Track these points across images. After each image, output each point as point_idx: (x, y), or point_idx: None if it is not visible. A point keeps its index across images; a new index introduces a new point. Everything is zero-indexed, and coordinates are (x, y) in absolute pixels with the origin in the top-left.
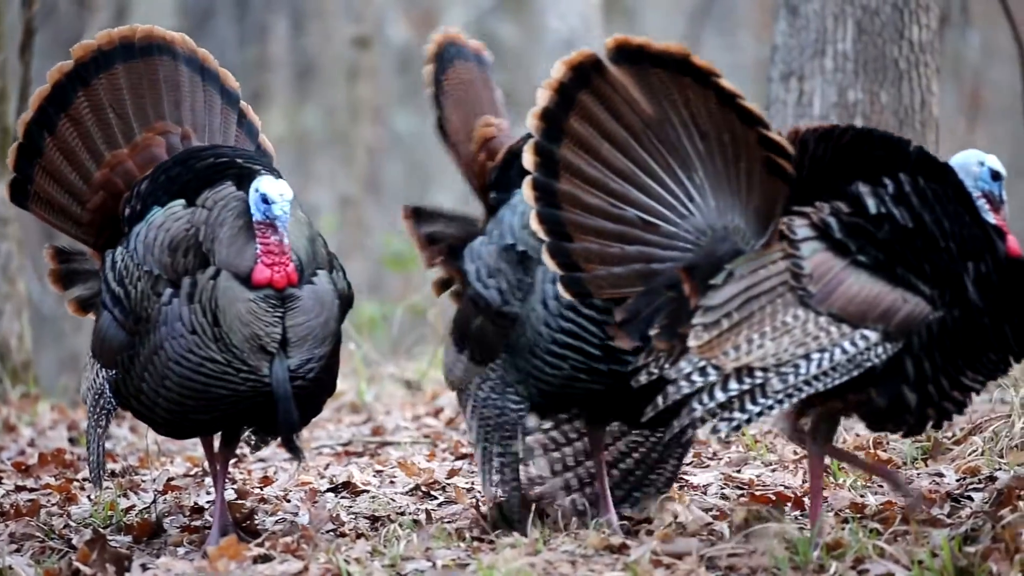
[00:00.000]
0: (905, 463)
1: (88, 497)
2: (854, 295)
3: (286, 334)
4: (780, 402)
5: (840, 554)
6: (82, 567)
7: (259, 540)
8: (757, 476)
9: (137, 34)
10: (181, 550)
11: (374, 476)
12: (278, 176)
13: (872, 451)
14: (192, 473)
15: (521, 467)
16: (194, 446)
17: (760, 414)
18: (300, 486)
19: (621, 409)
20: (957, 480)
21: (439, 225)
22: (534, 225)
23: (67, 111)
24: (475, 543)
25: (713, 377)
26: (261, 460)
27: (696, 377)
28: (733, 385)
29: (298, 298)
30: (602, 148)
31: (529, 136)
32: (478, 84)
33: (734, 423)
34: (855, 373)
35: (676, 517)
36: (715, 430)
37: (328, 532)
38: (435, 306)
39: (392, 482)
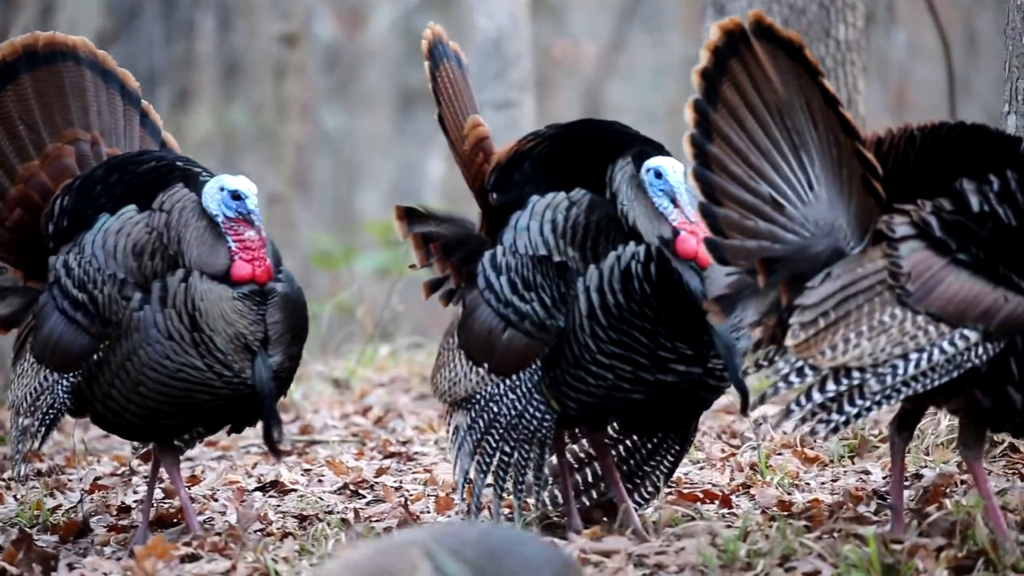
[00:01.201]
0: (832, 461)
1: (14, 497)
2: (953, 294)
3: (267, 331)
4: (878, 403)
5: (767, 551)
6: (8, 567)
7: (187, 538)
8: (685, 474)
9: (40, 41)
10: (108, 549)
11: (302, 475)
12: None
13: (800, 449)
14: (119, 472)
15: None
16: (121, 445)
17: (858, 415)
18: (227, 485)
19: (655, 418)
20: (883, 478)
21: (431, 225)
22: (691, 181)
23: None
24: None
25: (811, 378)
26: (188, 459)
27: (794, 378)
28: (831, 386)
29: (277, 293)
30: (746, 119)
31: (531, 136)
32: (460, 83)
33: (832, 424)
34: (955, 374)
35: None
36: (813, 432)
37: (256, 531)
38: (363, 304)
39: (320, 481)
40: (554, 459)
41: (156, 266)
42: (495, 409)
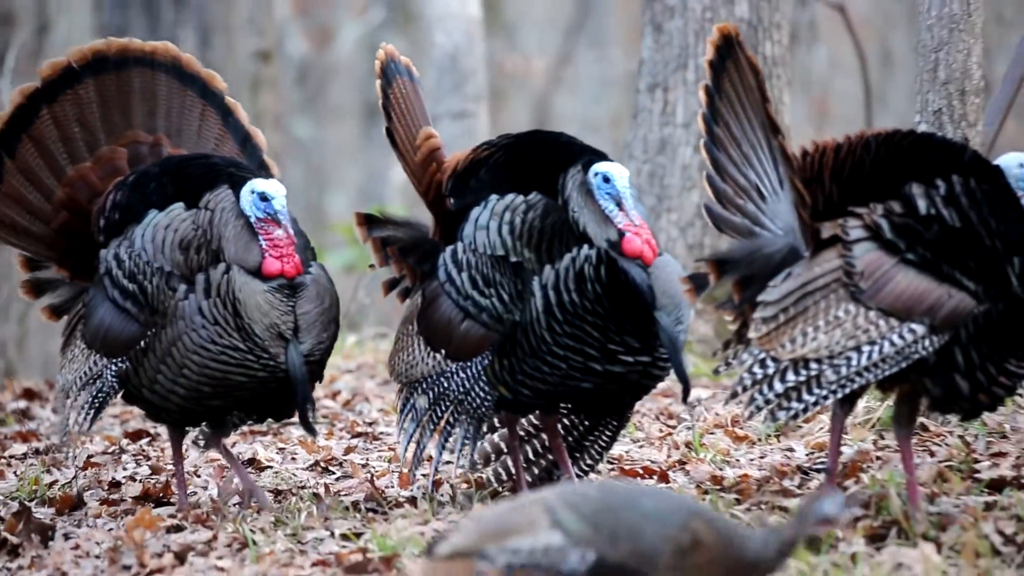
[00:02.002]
0: (760, 439)
1: (14, 473)
2: (902, 291)
3: (297, 321)
4: (834, 392)
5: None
6: (9, 536)
7: (172, 511)
8: (626, 452)
9: (112, 48)
10: (100, 521)
11: (277, 453)
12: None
13: (731, 429)
14: (110, 451)
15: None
16: (111, 426)
17: (816, 403)
18: (209, 462)
19: (602, 403)
20: (807, 455)
21: (389, 230)
22: (703, 153)
23: (28, 131)
24: (370, 514)
25: (772, 369)
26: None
27: (757, 370)
28: (790, 376)
29: (305, 286)
30: (740, 113)
31: (485, 144)
32: (411, 97)
33: (791, 412)
34: (904, 364)
35: None
36: (774, 418)
37: (235, 504)
38: None
39: (294, 458)
40: (495, 437)
41: (200, 260)
42: (445, 384)
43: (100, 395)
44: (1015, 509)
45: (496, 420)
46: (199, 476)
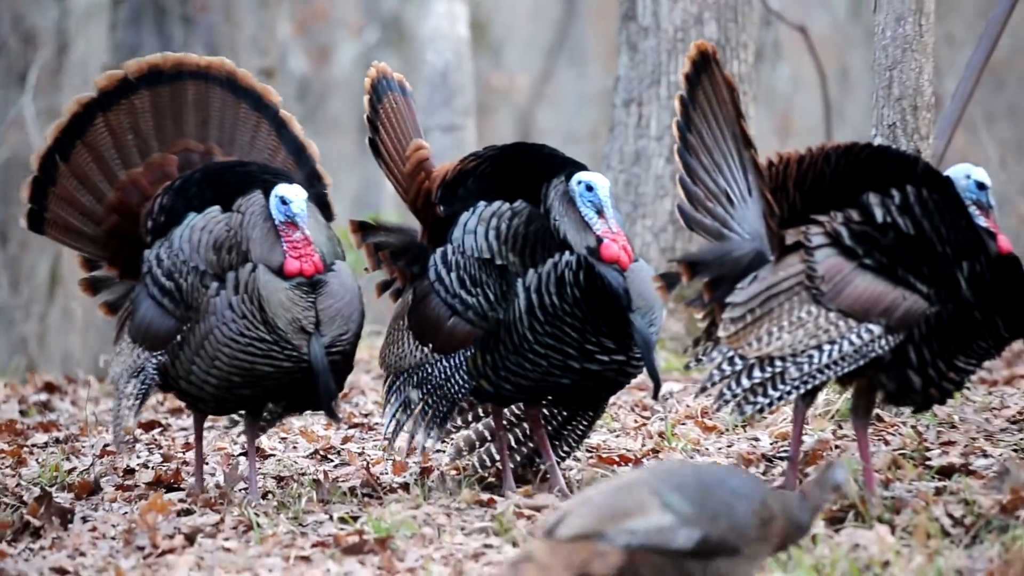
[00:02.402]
0: (727, 429)
1: (36, 460)
2: (860, 294)
3: (318, 316)
4: (797, 388)
5: None
6: (32, 519)
7: (183, 495)
8: (603, 441)
9: (168, 62)
10: (116, 505)
11: (280, 442)
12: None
13: (700, 420)
14: (125, 440)
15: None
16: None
17: (780, 398)
18: (217, 451)
19: (580, 397)
20: (771, 443)
21: (381, 236)
22: (676, 159)
23: (83, 138)
24: (365, 499)
25: (739, 366)
26: (183, 429)
27: (726, 367)
28: (757, 373)
29: (326, 283)
30: (712, 124)
31: (471, 156)
32: (403, 111)
33: (757, 406)
34: (862, 362)
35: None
36: (741, 412)
37: (241, 490)
38: None
39: (295, 447)
40: (479, 425)
41: (231, 260)
42: (428, 371)
43: (143, 387)
44: (963, 494)
45: (481, 410)
46: (207, 464)
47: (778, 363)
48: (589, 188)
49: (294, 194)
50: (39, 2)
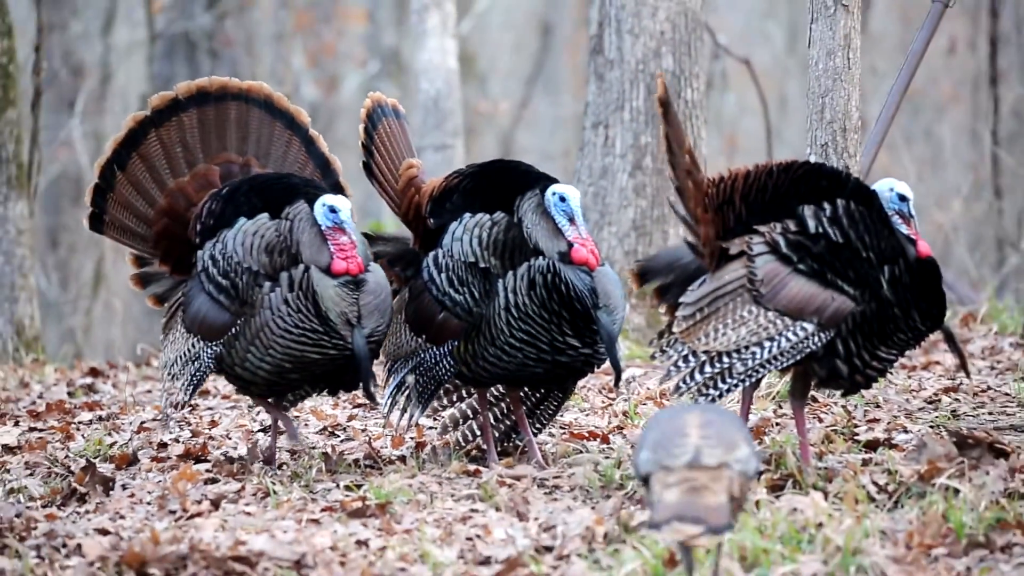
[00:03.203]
0: None
1: (82, 435)
2: (794, 295)
3: (360, 310)
4: (743, 381)
5: (635, 476)
6: (78, 486)
7: (209, 467)
8: (575, 419)
9: (214, 85)
10: (151, 474)
11: (293, 420)
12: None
13: (659, 400)
14: (158, 418)
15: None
16: (160, 398)
17: (728, 390)
18: (238, 428)
19: (552, 383)
20: None
21: (379, 245)
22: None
23: (138, 150)
24: (368, 469)
25: (692, 363)
26: (209, 409)
27: (681, 363)
28: (708, 369)
29: (366, 282)
30: (677, 149)
31: (455, 173)
32: (397, 134)
33: (710, 397)
34: (799, 357)
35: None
36: (696, 402)
37: (259, 461)
38: None
39: (306, 424)
40: (463, 405)
41: (281, 261)
42: (421, 357)
43: (198, 373)
44: (886, 465)
45: (465, 391)
46: (230, 439)
47: (726, 359)
48: (562, 199)
49: (342, 204)
50: (86, 39)
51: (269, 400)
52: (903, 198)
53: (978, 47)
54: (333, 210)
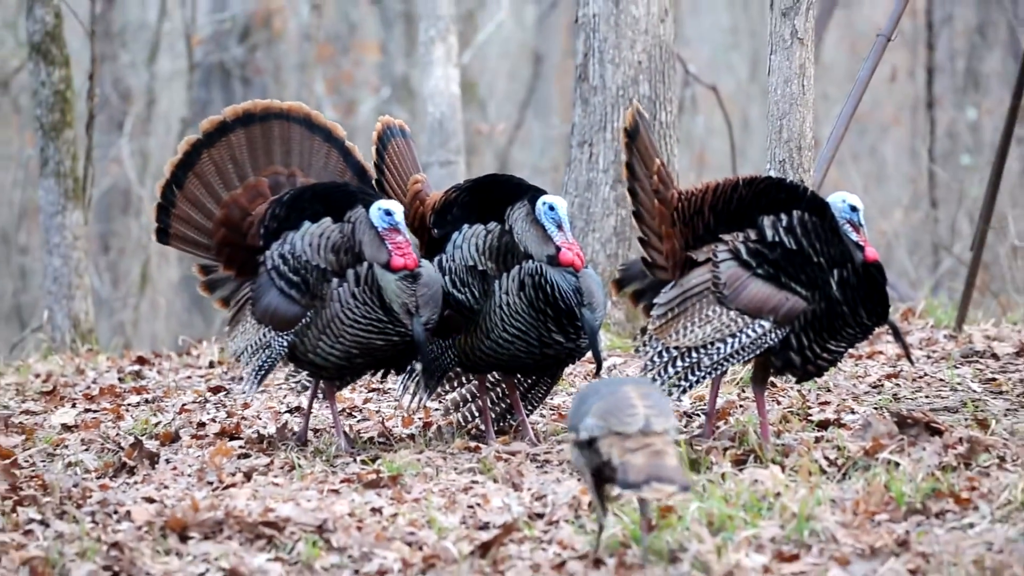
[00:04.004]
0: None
1: (131, 416)
2: (753, 296)
3: (417, 300)
4: (710, 373)
5: None
6: (127, 460)
7: (242, 443)
8: (563, 402)
9: (258, 107)
10: (191, 450)
11: (316, 402)
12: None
13: None
14: (198, 401)
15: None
16: (199, 382)
17: (698, 381)
18: (267, 409)
19: (541, 371)
20: (691, 403)
21: None
22: (626, 190)
23: (193, 168)
24: (381, 445)
25: (666, 358)
26: (242, 392)
27: (656, 358)
28: (679, 363)
29: (421, 275)
30: (641, 165)
31: (454, 187)
32: (404, 152)
33: (682, 388)
34: (758, 352)
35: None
36: (671, 393)
37: (285, 439)
38: None
39: (327, 406)
40: (463, 390)
41: (346, 260)
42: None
43: (270, 360)
44: (836, 441)
45: (464, 377)
46: (260, 419)
47: (695, 354)
48: (552, 208)
49: (395, 207)
50: (133, 68)
51: (334, 394)
52: (854, 208)
53: (916, 76)
54: (388, 213)
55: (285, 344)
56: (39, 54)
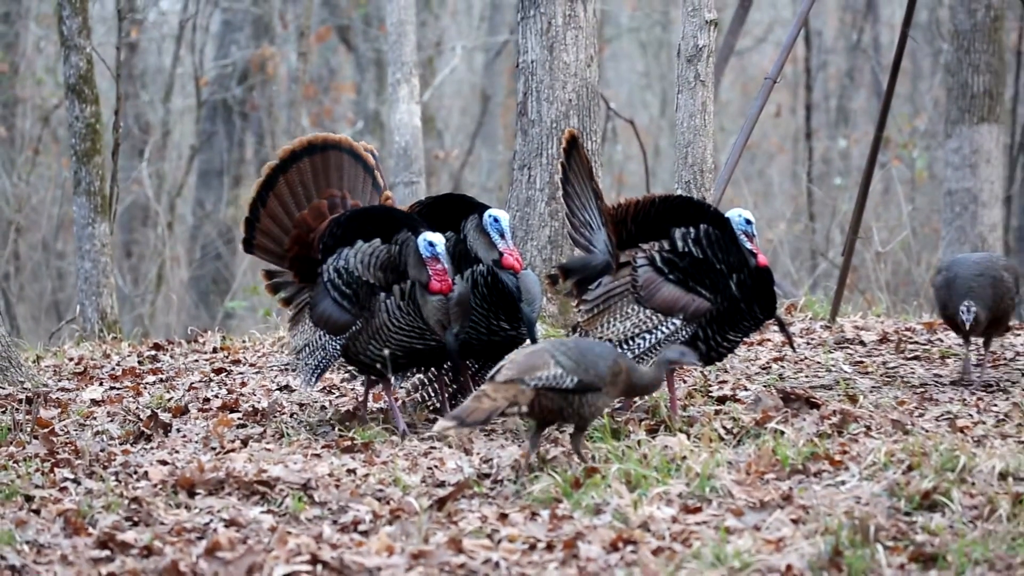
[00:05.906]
0: None
1: (148, 393)
2: (665, 298)
3: (450, 316)
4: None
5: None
6: (145, 430)
7: (240, 416)
8: None
9: (319, 139)
10: (198, 421)
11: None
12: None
13: None
14: (203, 380)
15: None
16: (204, 364)
17: None
18: (261, 387)
19: (488, 355)
20: None
21: None
22: (561, 201)
23: (272, 190)
24: (356, 417)
25: None
26: (241, 374)
27: None
28: None
29: (455, 296)
30: (577, 181)
31: (417, 203)
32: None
33: None
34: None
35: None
36: None
37: (275, 412)
38: None
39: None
40: (421, 375)
41: (392, 277)
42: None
43: (325, 360)
44: (732, 413)
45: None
46: (255, 395)
47: (622, 347)
48: (496, 220)
49: (438, 239)
50: (151, 105)
51: (390, 387)
52: (748, 222)
53: (797, 112)
54: (431, 244)
55: (338, 347)
56: (74, 93)
